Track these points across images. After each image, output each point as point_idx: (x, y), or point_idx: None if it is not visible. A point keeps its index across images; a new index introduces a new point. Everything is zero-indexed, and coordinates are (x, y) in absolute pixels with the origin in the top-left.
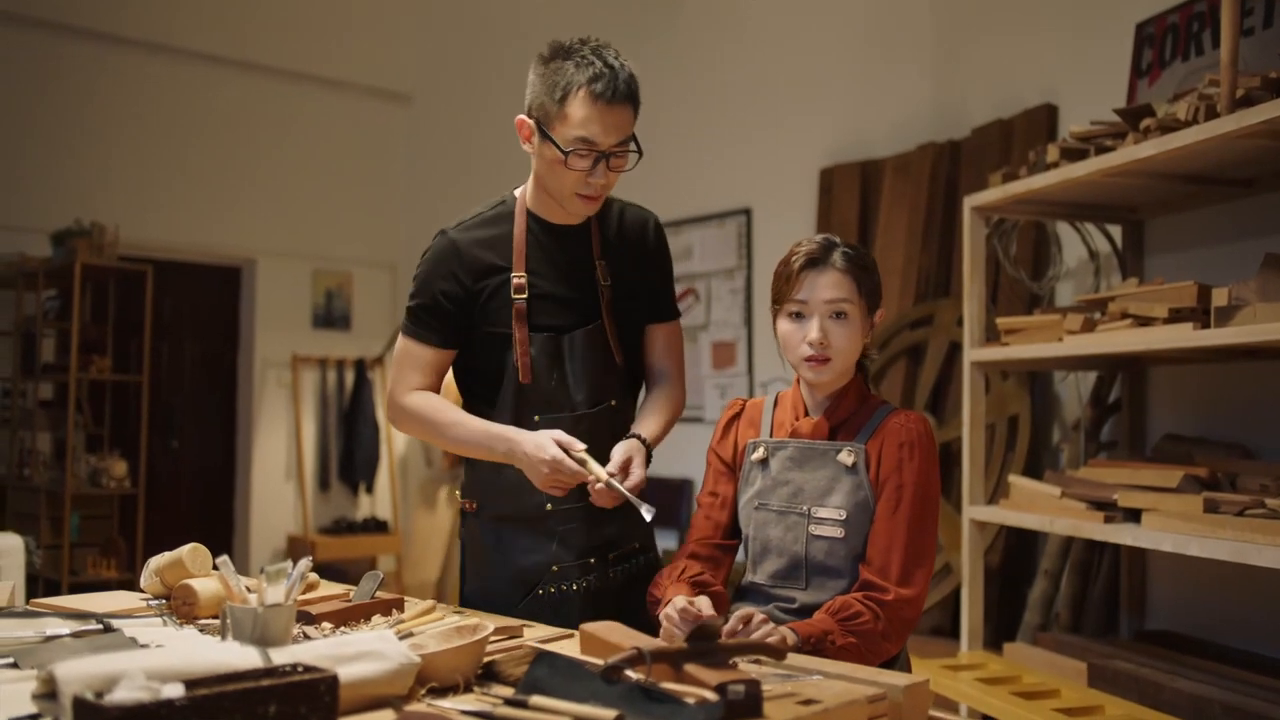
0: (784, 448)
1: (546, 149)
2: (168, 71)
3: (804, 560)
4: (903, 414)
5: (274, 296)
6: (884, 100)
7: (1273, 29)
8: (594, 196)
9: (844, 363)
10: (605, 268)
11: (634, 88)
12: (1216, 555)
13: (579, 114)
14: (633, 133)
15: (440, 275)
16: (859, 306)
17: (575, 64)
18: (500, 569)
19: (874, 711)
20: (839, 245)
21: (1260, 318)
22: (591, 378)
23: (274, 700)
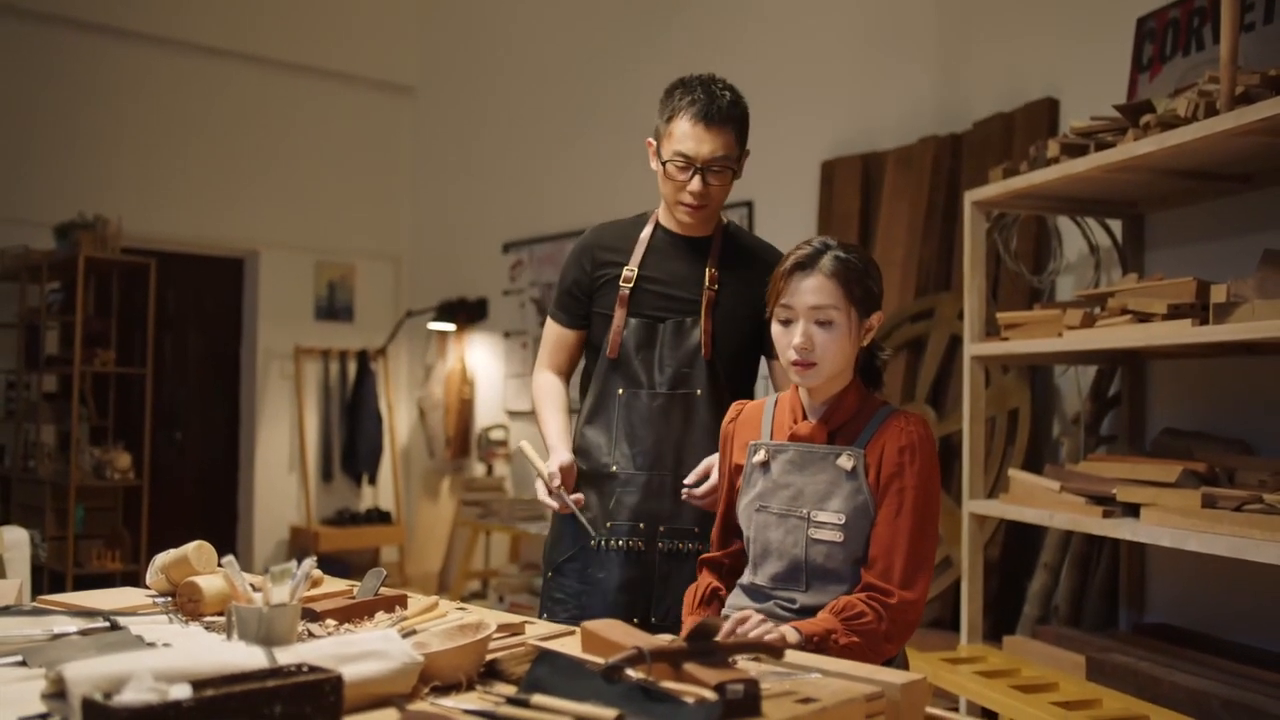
0: (784, 451)
1: (659, 165)
2: (171, 64)
3: (804, 563)
4: (902, 416)
5: (277, 288)
6: (886, 93)
7: (1273, 25)
8: (695, 205)
9: (831, 368)
10: (714, 275)
11: (734, 113)
12: (1214, 550)
13: (678, 131)
14: (733, 151)
15: (573, 265)
16: (846, 313)
17: (682, 92)
18: (565, 520)
19: (872, 709)
20: (832, 249)
21: (1258, 315)
22: (678, 365)
23: (280, 701)
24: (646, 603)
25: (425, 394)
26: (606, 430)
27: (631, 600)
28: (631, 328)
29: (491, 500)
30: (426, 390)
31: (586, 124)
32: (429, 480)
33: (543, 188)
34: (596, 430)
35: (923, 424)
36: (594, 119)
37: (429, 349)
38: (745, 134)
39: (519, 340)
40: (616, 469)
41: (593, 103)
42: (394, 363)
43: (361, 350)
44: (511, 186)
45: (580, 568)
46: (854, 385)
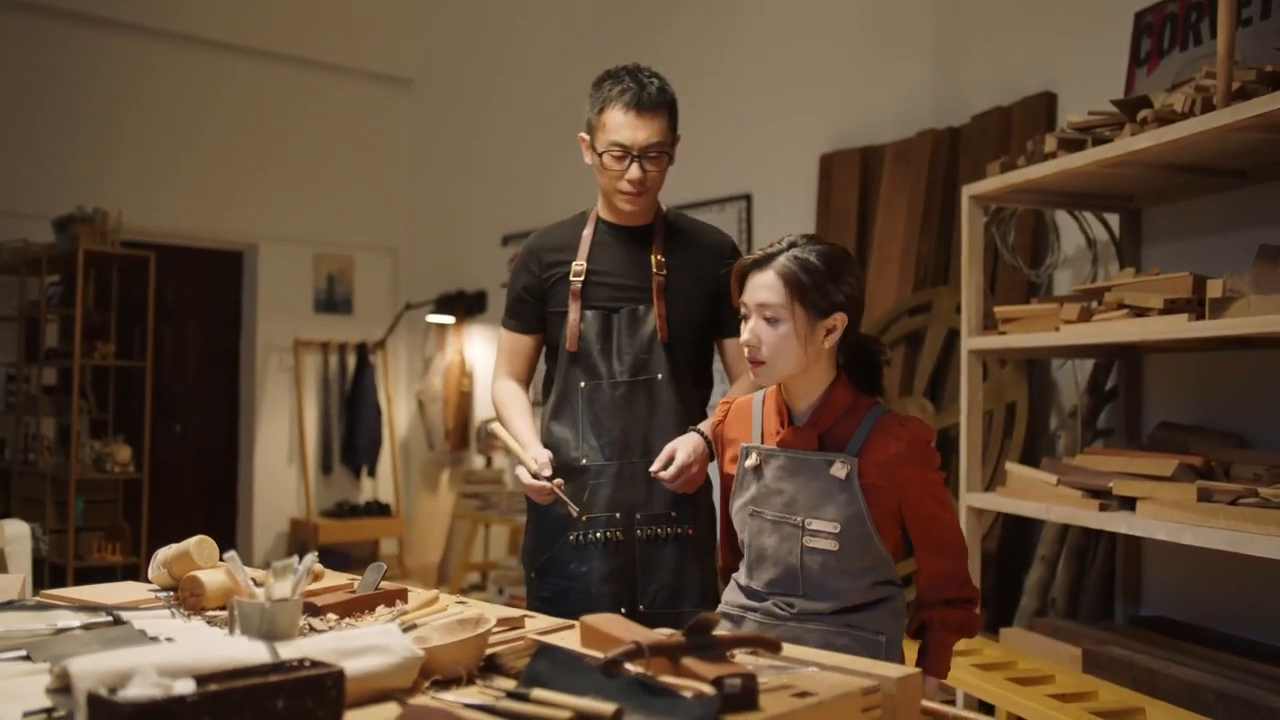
0: (775, 456)
1: (594, 158)
2: (170, 57)
3: (799, 571)
4: (895, 420)
5: (276, 281)
6: (885, 87)
7: (1271, 20)
8: (634, 193)
9: (782, 368)
10: (661, 260)
11: (663, 99)
12: (1210, 544)
13: (611, 122)
14: (666, 137)
15: (521, 270)
16: (793, 312)
17: (611, 83)
18: (542, 516)
19: (868, 703)
20: (795, 248)
21: (1254, 310)
22: (636, 352)
23: (282, 695)
24: (632, 591)
25: (424, 386)
26: (573, 424)
27: (617, 590)
28: (588, 320)
29: (491, 492)
30: (426, 383)
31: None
32: (428, 472)
33: (541, 180)
34: (562, 425)
35: (918, 425)
36: None
37: (428, 341)
38: (676, 119)
39: None
40: (586, 461)
41: None
42: (393, 355)
43: (361, 343)
44: (510, 179)
45: (562, 565)
46: (839, 385)
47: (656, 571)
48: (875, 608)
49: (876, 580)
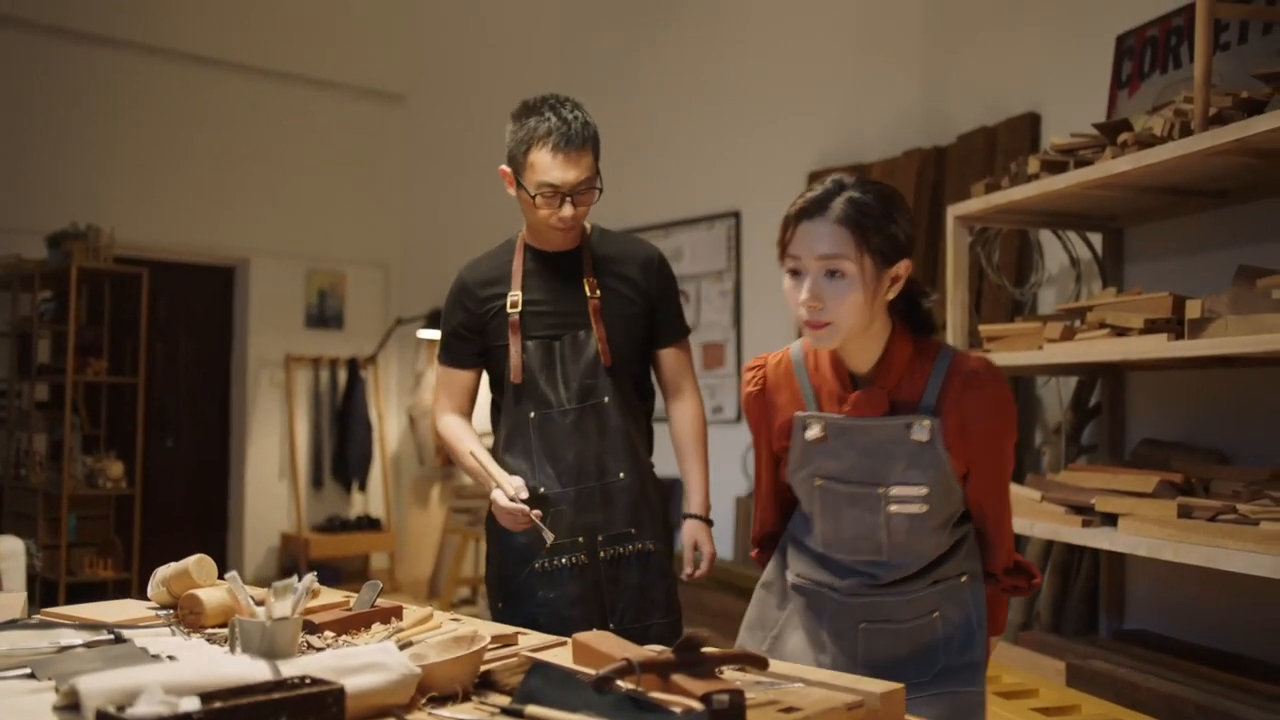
0: (844, 425)
1: (521, 194)
2: (162, 73)
3: (885, 541)
4: (967, 363)
5: (267, 296)
6: (872, 106)
7: (1248, 45)
8: (566, 229)
9: (847, 327)
10: (594, 283)
11: (588, 134)
12: (1189, 560)
13: (540, 163)
14: (594, 171)
15: (454, 307)
16: (860, 263)
17: (536, 119)
18: (506, 545)
19: (852, 718)
20: (846, 190)
21: (1231, 330)
22: (581, 378)
23: (285, 712)
24: (601, 611)
25: (415, 401)
26: (526, 455)
27: (586, 612)
28: (530, 351)
29: (481, 508)
30: (416, 398)
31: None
32: (419, 487)
33: None
34: (516, 457)
35: (991, 370)
36: None
37: (419, 357)
38: (599, 149)
39: None
40: (544, 490)
41: None
42: (384, 370)
43: (352, 358)
44: (501, 195)
45: (530, 592)
46: (899, 335)
47: (623, 589)
48: (951, 554)
49: (955, 524)
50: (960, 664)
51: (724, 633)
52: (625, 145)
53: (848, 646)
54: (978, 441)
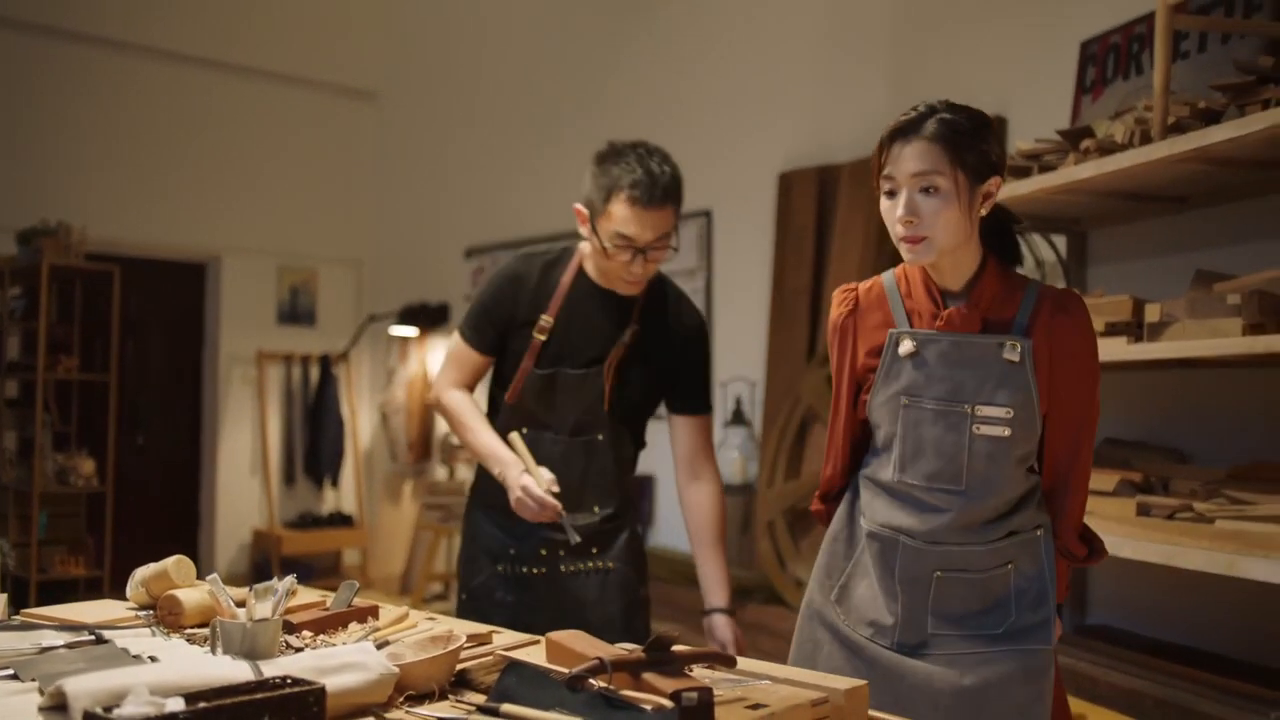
0: (936, 341)
1: (593, 238)
2: (133, 70)
3: (965, 463)
4: (1058, 295)
5: (239, 293)
6: (842, 107)
7: (1207, 54)
8: (635, 283)
9: (943, 241)
10: (636, 332)
11: (673, 191)
12: (1146, 558)
13: (619, 214)
14: (672, 227)
15: (501, 290)
16: (953, 179)
17: (621, 168)
18: (478, 541)
19: (817, 714)
20: (938, 112)
21: (1188, 334)
22: (579, 413)
23: (268, 712)
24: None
25: (387, 398)
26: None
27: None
28: (534, 378)
29: (453, 504)
30: (389, 394)
31: (549, 131)
32: (391, 483)
33: (505, 194)
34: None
35: (1079, 301)
36: (557, 126)
37: (391, 353)
38: (681, 203)
39: None
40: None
41: (556, 110)
42: (356, 367)
43: (324, 354)
44: (474, 192)
45: (489, 591)
46: (991, 262)
47: (579, 604)
48: (1026, 502)
49: (1028, 467)
50: (1033, 621)
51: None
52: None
53: (919, 595)
54: (1064, 369)
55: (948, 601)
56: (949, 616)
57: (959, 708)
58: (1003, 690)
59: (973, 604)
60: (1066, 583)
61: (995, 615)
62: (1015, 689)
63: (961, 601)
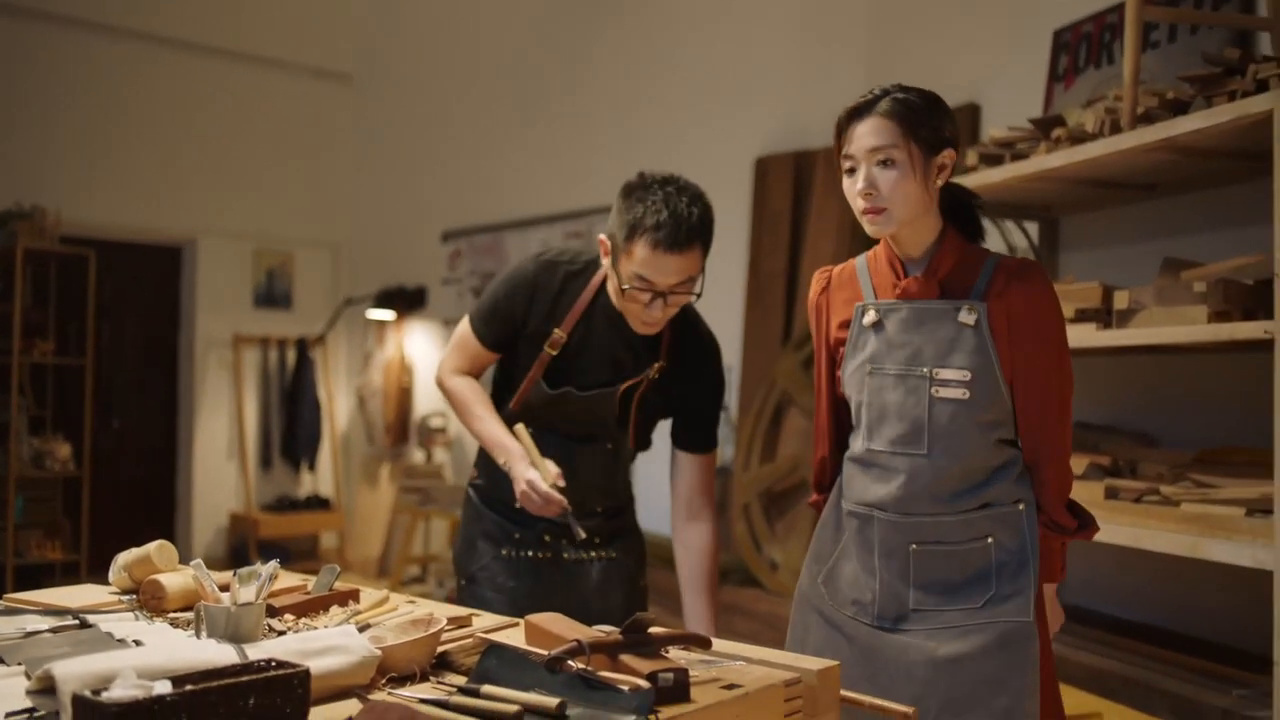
0: (897, 309)
1: (613, 276)
2: (107, 51)
3: (926, 424)
4: (1015, 263)
5: (215, 276)
6: (817, 93)
7: (1177, 44)
8: (651, 327)
9: (902, 212)
10: (663, 368)
11: (700, 232)
12: (1114, 540)
13: (640, 255)
14: (698, 269)
15: (516, 294)
16: (908, 151)
17: (646, 206)
18: (478, 527)
19: (790, 694)
20: (891, 93)
21: (1155, 321)
22: (588, 425)
23: (254, 694)
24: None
25: (364, 381)
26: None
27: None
28: (540, 392)
29: (431, 486)
30: (365, 378)
31: (526, 114)
32: (368, 467)
33: (482, 177)
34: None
35: (1040, 269)
36: (534, 109)
37: (368, 337)
38: (711, 238)
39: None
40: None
41: (533, 93)
42: (333, 350)
43: (300, 338)
44: (451, 176)
45: (491, 576)
46: (950, 234)
47: (581, 592)
48: (1002, 475)
49: (1001, 438)
50: (1010, 592)
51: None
52: (573, 132)
53: (898, 568)
54: (1022, 334)
55: (928, 575)
56: (930, 590)
57: (934, 679)
58: (977, 661)
59: (954, 577)
60: (1062, 562)
61: (976, 589)
62: (990, 660)
63: (942, 575)
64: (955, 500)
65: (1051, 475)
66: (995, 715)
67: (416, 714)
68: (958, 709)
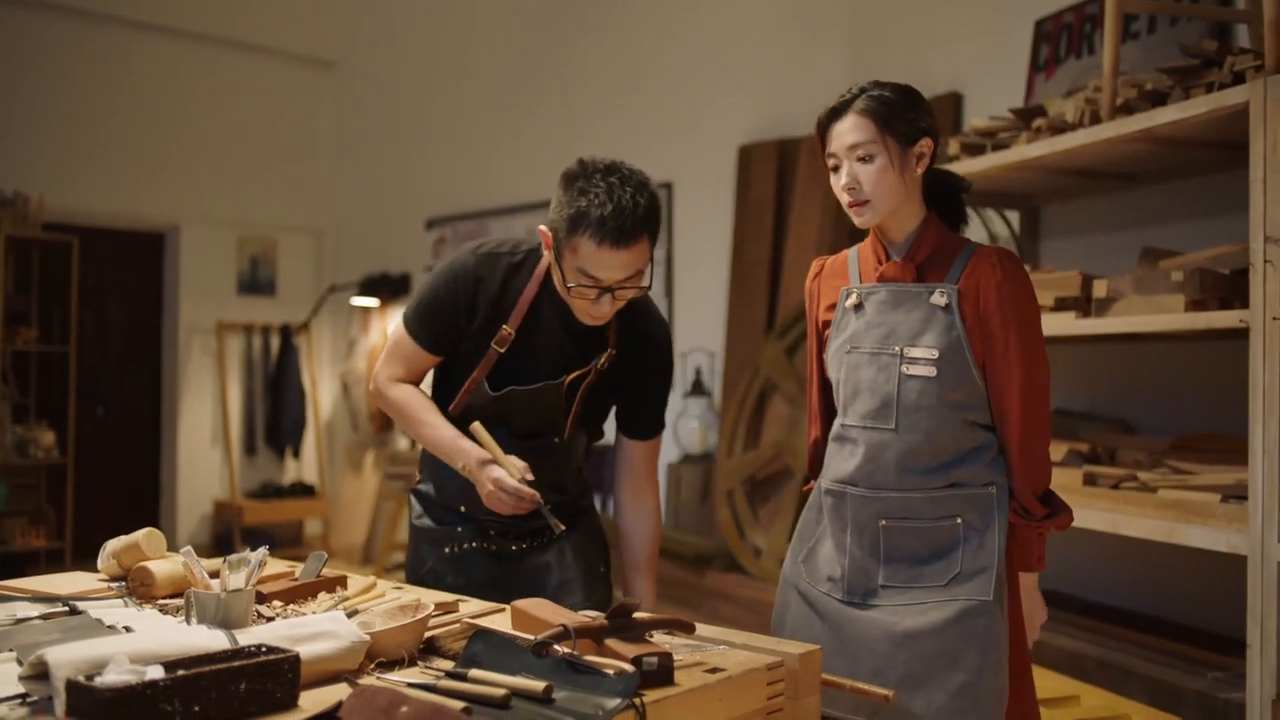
0: (876, 292)
1: (556, 271)
2: (90, 38)
3: (895, 400)
4: (991, 251)
5: (199, 263)
6: (802, 81)
7: (1156, 35)
8: (597, 320)
9: (884, 203)
10: (611, 356)
11: (647, 223)
12: (1092, 525)
13: (585, 251)
14: (645, 262)
15: (459, 290)
16: (884, 144)
17: (589, 199)
18: (421, 532)
19: (772, 677)
20: (866, 91)
21: (1133, 309)
22: (533, 422)
23: (245, 679)
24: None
25: (349, 368)
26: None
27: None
28: (483, 394)
29: (415, 473)
30: (350, 364)
31: (511, 101)
32: (352, 453)
33: (466, 164)
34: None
35: (1013, 258)
36: (518, 96)
37: (352, 324)
38: (659, 228)
39: None
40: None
41: (517, 80)
42: (317, 337)
43: (284, 325)
44: (435, 163)
45: (439, 577)
46: (932, 221)
47: (528, 578)
48: (974, 457)
49: (970, 419)
50: (973, 571)
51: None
52: (557, 119)
53: (868, 544)
54: (990, 318)
55: (896, 551)
56: (899, 567)
57: (893, 654)
58: (935, 637)
59: (921, 554)
60: (1039, 553)
61: (941, 567)
62: (947, 636)
63: (910, 552)
64: (924, 477)
65: (1019, 461)
66: (951, 691)
67: (405, 698)
68: (915, 682)
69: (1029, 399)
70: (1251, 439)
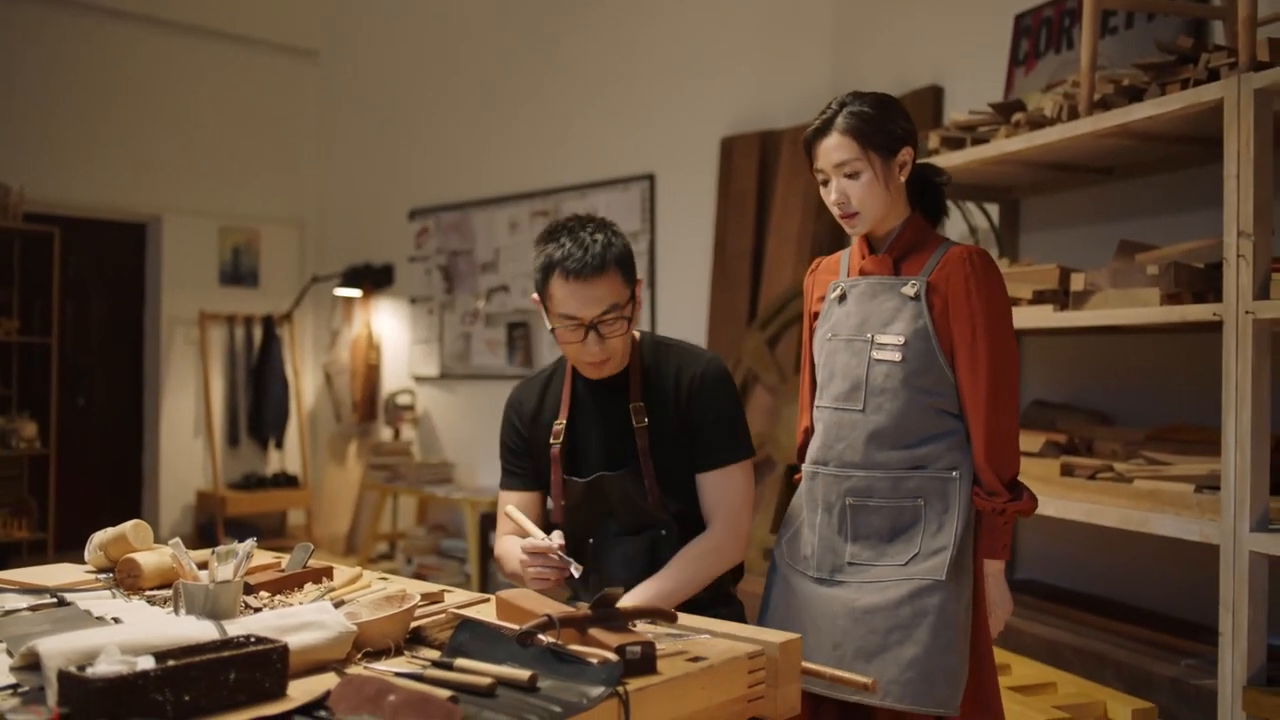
0: (857, 285)
1: (547, 324)
2: (72, 27)
3: (864, 382)
4: (964, 249)
5: (181, 254)
6: (783, 74)
7: (1134, 30)
8: (596, 363)
9: (873, 213)
10: (640, 408)
11: (610, 256)
12: (1069, 515)
13: (557, 293)
14: (623, 297)
15: (508, 429)
16: (869, 159)
17: (553, 245)
18: None
19: (753, 665)
20: (846, 106)
21: (1110, 303)
22: (632, 513)
23: (234, 669)
24: None
25: (331, 359)
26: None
27: None
28: (572, 487)
29: (399, 464)
30: (333, 355)
31: (494, 92)
32: (336, 444)
33: (449, 155)
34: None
35: (984, 255)
36: (501, 87)
37: (335, 314)
38: (631, 266)
39: (425, 306)
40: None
41: (500, 71)
42: (300, 328)
43: (267, 315)
44: (418, 153)
45: None
46: (912, 219)
47: None
48: (939, 440)
49: (938, 405)
50: (931, 552)
51: None
52: (541, 110)
53: (835, 522)
54: (958, 314)
55: (861, 530)
56: (864, 546)
57: (851, 628)
58: (889, 612)
59: (884, 533)
60: (1005, 541)
61: (902, 547)
62: (899, 611)
63: (874, 530)
64: (889, 457)
65: (986, 449)
66: (902, 664)
67: (393, 686)
68: (869, 654)
69: (995, 389)
70: (1224, 430)
